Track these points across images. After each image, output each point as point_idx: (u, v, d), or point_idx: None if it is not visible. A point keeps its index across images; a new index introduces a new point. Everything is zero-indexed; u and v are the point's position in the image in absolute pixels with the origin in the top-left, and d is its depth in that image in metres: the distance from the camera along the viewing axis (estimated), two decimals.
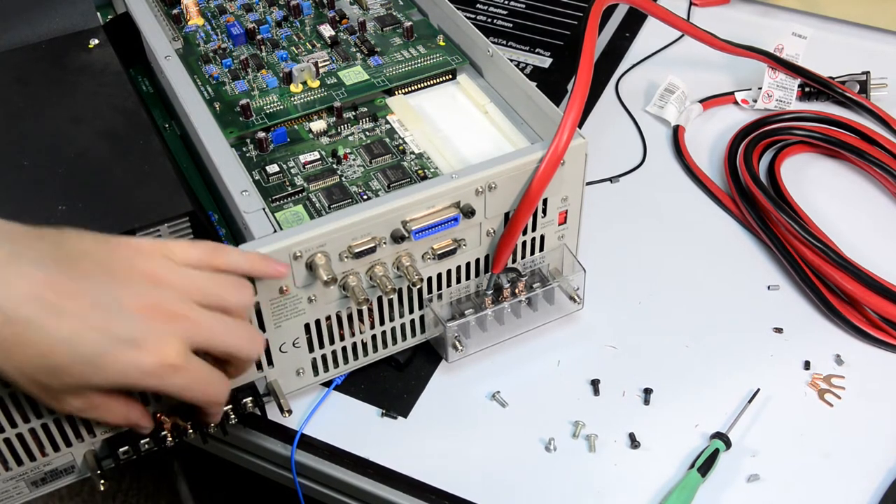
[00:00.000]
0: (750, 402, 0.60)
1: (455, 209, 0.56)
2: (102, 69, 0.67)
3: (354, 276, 0.55)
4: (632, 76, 0.86)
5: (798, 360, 0.63)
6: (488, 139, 0.63)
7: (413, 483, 0.58)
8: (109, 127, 0.62)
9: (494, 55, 0.65)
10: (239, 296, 0.50)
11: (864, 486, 0.57)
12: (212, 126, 0.61)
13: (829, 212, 0.71)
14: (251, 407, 0.57)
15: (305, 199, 0.59)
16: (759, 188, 0.70)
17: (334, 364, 0.60)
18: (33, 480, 0.54)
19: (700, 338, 0.65)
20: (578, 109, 0.56)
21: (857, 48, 0.87)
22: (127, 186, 0.59)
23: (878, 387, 0.61)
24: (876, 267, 0.65)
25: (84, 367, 0.45)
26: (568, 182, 0.59)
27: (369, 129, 0.64)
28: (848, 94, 0.79)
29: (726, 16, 0.92)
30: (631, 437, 0.59)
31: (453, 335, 0.60)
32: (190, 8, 0.72)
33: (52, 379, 0.45)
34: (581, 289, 0.63)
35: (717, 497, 0.56)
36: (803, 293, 0.67)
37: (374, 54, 0.68)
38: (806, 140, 0.76)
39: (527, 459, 0.58)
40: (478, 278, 0.61)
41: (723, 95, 0.82)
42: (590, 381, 0.62)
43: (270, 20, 0.72)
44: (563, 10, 0.92)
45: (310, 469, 0.60)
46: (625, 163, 0.78)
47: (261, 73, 0.67)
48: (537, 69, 0.85)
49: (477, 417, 0.61)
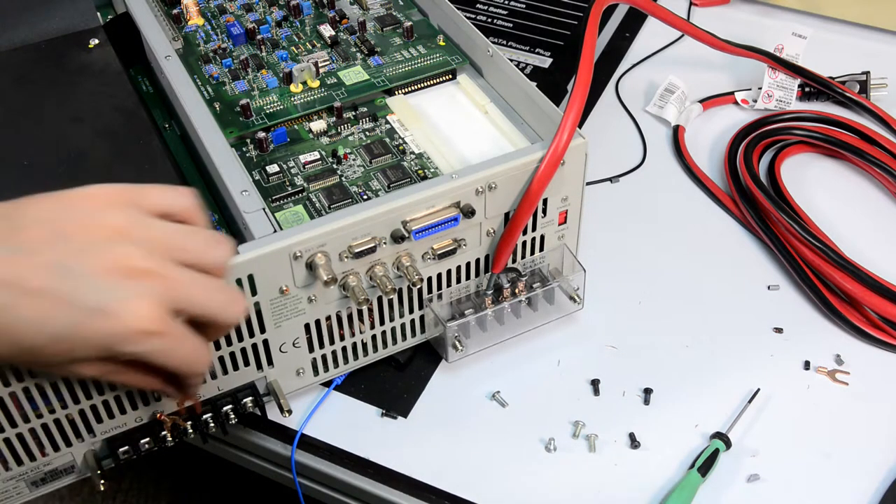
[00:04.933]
0: (750, 402, 0.60)
1: (455, 209, 0.56)
2: (102, 69, 0.67)
3: (354, 276, 0.55)
4: (632, 76, 0.86)
5: (798, 360, 0.63)
6: (488, 139, 0.63)
7: (413, 483, 0.58)
8: (109, 127, 0.62)
9: (494, 55, 0.65)
10: (217, 251, 0.45)
11: (864, 485, 0.57)
12: (212, 126, 0.61)
13: (829, 212, 0.71)
14: (251, 407, 0.57)
15: (305, 199, 0.59)
16: (759, 188, 0.70)
17: (334, 364, 0.60)
18: (33, 480, 0.54)
19: (700, 338, 0.65)
20: (578, 109, 0.56)
21: (857, 48, 0.87)
22: None
23: (878, 387, 0.61)
24: (876, 267, 0.65)
25: (61, 345, 0.41)
26: (568, 182, 0.59)
27: (369, 129, 0.64)
28: (848, 94, 0.79)
29: (726, 16, 0.92)
30: (631, 437, 0.59)
31: (453, 335, 0.60)
32: (190, 8, 0.72)
33: (37, 357, 0.42)
34: (581, 289, 0.63)
35: (717, 497, 0.56)
36: (803, 293, 0.67)
37: (374, 54, 0.68)
38: (806, 140, 0.76)
39: (527, 459, 0.58)
40: (478, 278, 0.61)
41: (723, 95, 0.82)
42: (590, 381, 0.62)
43: (270, 20, 0.72)
44: (563, 10, 0.92)
45: (310, 469, 0.60)
46: (625, 163, 0.78)
47: (261, 73, 0.67)
48: (537, 69, 0.85)
49: (477, 417, 0.61)
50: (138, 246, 0.42)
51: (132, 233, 0.43)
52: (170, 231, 0.44)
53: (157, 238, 0.43)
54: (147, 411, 0.54)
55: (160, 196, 0.45)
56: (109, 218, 0.43)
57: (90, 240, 0.42)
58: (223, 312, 0.45)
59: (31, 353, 0.42)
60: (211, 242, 0.45)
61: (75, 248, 0.41)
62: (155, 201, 0.44)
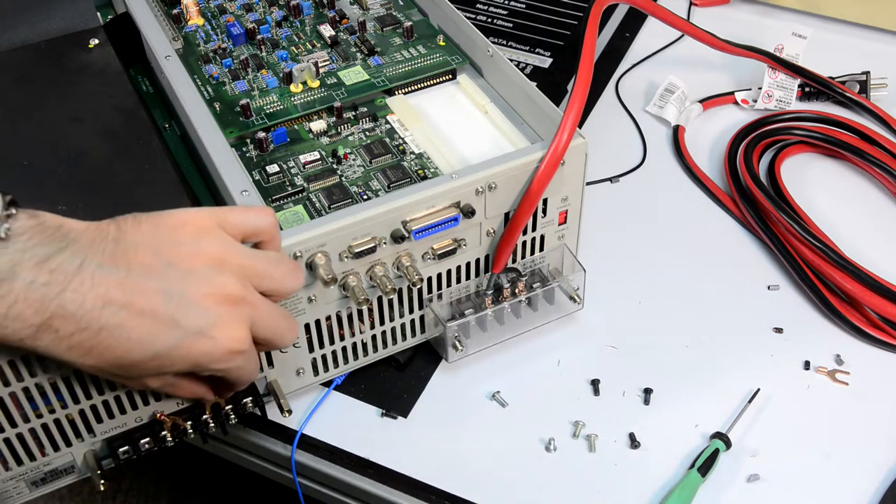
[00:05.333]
0: (750, 402, 0.60)
1: (455, 209, 0.56)
2: (102, 69, 0.67)
3: (354, 276, 0.55)
4: (632, 76, 0.86)
5: (798, 360, 0.63)
6: (488, 139, 0.63)
7: (413, 483, 0.58)
8: (109, 127, 0.62)
9: (494, 55, 0.65)
10: (294, 281, 0.51)
11: (864, 485, 0.57)
12: (212, 126, 0.61)
13: (829, 212, 0.71)
14: (251, 407, 0.57)
15: (305, 199, 0.59)
16: (759, 188, 0.70)
17: (334, 364, 0.60)
18: (33, 480, 0.54)
19: (700, 338, 0.65)
20: (578, 109, 0.56)
21: (857, 48, 0.87)
22: (127, 186, 0.59)
23: (878, 387, 0.61)
24: (876, 267, 0.65)
25: (159, 361, 0.46)
26: (568, 182, 0.59)
27: (369, 129, 0.64)
28: (848, 94, 0.79)
29: (726, 16, 0.92)
30: (631, 437, 0.59)
31: (453, 335, 0.60)
32: (190, 8, 0.72)
33: (129, 371, 0.47)
34: (581, 289, 0.63)
35: (717, 497, 0.56)
36: (803, 293, 0.67)
37: (374, 54, 0.68)
38: (806, 140, 0.76)
39: (527, 459, 0.58)
40: (478, 278, 0.61)
41: (723, 95, 0.82)
42: (590, 381, 0.62)
43: (270, 20, 0.72)
44: (563, 10, 0.92)
45: (310, 469, 0.60)
46: (625, 163, 0.78)
47: (261, 73, 0.67)
48: (537, 69, 0.85)
49: (477, 417, 0.61)
50: (232, 275, 0.47)
51: (227, 260, 0.47)
52: (258, 259, 0.49)
53: (248, 266, 0.48)
54: (147, 411, 0.54)
55: (243, 218, 0.49)
56: (205, 246, 0.47)
57: (190, 267, 0.46)
58: (283, 337, 0.51)
59: (128, 368, 0.46)
60: (289, 274, 0.50)
61: (178, 275, 0.46)
62: (238, 223, 0.49)
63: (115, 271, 0.44)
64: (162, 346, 0.46)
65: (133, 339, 0.45)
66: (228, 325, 0.47)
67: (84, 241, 0.44)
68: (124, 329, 0.44)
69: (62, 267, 0.43)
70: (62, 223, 0.44)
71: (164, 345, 0.46)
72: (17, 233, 0.42)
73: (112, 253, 0.45)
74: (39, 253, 0.42)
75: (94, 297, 0.43)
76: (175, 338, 0.46)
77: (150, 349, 0.45)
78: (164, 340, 0.45)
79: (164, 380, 0.49)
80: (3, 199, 0.43)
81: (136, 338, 0.45)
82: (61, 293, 0.42)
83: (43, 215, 0.44)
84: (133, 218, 0.47)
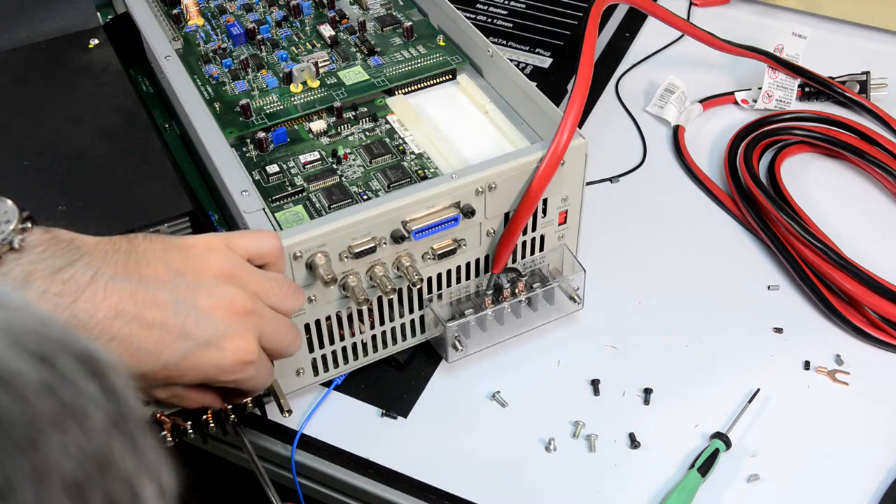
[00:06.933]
0: (750, 402, 0.60)
1: (455, 209, 0.56)
2: (102, 69, 0.67)
3: (354, 276, 0.55)
4: (632, 76, 0.86)
5: (798, 360, 0.63)
6: (488, 139, 0.63)
7: (413, 483, 0.58)
8: (109, 127, 0.62)
9: (494, 55, 0.65)
10: (296, 302, 0.52)
11: (864, 485, 0.57)
12: (212, 126, 0.61)
13: (829, 212, 0.71)
14: (251, 407, 0.57)
15: (305, 199, 0.59)
16: (759, 188, 0.70)
17: (334, 364, 0.60)
18: None
19: (700, 338, 0.65)
20: (578, 109, 0.56)
21: (857, 48, 0.87)
22: (127, 186, 0.59)
23: (878, 387, 0.61)
24: (876, 267, 0.65)
25: (168, 372, 0.47)
26: (568, 182, 0.59)
27: (369, 129, 0.64)
28: (848, 94, 0.79)
29: (726, 16, 0.92)
30: (631, 437, 0.59)
31: (453, 335, 0.60)
32: (190, 8, 0.72)
33: (138, 383, 0.46)
34: (581, 289, 0.63)
35: (717, 497, 0.56)
36: (803, 293, 0.67)
37: (374, 54, 0.68)
38: (806, 140, 0.76)
39: (527, 459, 0.58)
40: (478, 278, 0.61)
41: (723, 95, 0.82)
42: (590, 381, 0.62)
43: (270, 20, 0.72)
44: (563, 10, 0.92)
45: (310, 469, 0.60)
46: (625, 163, 0.78)
47: (261, 73, 0.67)
48: (537, 69, 0.85)
49: (477, 417, 0.61)
50: (241, 287, 0.48)
51: (235, 274, 0.48)
52: (265, 278, 0.50)
53: (256, 282, 0.49)
54: (147, 411, 0.54)
55: (250, 241, 0.51)
56: (214, 260, 0.48)
57: (200, 279, 0.47)
58: (289, 347, 0.53)
59: (138, 379, 0.46)
60: (292, 294, 0.52)
61: (188, 286, 0.47)
62: (245, 245, 0.50)
63: (127, 282, 0.45)
64: (171, 357, 0.46)
65: (143, 349, 0.45)
66: (238, 336, 0.48)
67: (97, 254, 0.45)
68: (135, 339, 0.45)
69: (75, 278, 0.43)
70: (75, 237, 0.45)
71: (173, 355, 0.46)
72: (32, 245, 0.43)
73: (124, 264, 0.45)
74: (53, 264, 0.43)
75: (106, 307, 0.44)
76: (185, 348, 0.46)
77: (160, 360, 0.46)
78: (174, 351, 0.46)
79: (172, 391, 0.50)
80: (21, 214, 0.44)
81: (147, 348, 0.45)
82: (73, 303, 0.43)
83: (57, 230, 0.45)
84: (144, 235, 0.48)
